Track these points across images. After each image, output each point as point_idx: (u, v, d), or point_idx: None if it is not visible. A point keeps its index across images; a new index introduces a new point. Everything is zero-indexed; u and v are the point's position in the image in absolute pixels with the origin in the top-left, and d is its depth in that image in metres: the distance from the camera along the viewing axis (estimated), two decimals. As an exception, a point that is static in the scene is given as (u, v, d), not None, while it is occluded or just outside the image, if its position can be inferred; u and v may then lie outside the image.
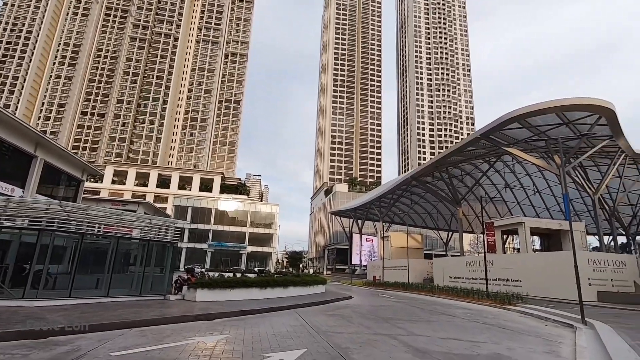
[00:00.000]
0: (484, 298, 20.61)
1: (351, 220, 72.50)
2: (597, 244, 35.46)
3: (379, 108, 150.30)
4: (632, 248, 44.88)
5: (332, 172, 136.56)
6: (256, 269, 49.80)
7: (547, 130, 27.90)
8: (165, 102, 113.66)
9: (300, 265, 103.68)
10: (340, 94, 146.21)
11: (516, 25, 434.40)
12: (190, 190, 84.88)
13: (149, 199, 73.49)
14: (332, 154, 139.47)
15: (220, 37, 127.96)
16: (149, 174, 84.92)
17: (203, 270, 35.25)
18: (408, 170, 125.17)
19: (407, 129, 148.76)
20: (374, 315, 13.00)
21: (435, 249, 76.46)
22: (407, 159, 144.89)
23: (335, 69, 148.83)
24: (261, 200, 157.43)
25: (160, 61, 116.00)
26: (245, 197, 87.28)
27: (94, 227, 14.96)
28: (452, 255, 53.76)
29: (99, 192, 76.69)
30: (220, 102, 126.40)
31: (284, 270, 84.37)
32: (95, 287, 13.04)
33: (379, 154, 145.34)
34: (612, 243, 40.36)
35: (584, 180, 32.20)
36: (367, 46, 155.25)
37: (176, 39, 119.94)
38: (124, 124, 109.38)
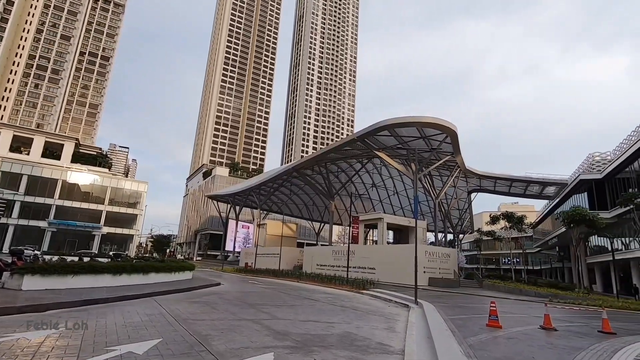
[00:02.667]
0: (344, 284, 22.94)
1: (229, 205, 70.61)
2: (434, 239, 43.42)
3: (269, 96, 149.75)
4: (456, 243, 56.59)
5: (214, 154, 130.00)
6: (111, 253, 43.71)
7: (409, 141, 32.71)
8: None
9: (167, 250, 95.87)
10: (231, 74, 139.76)
11: (397, 46, 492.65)
12: (28, 154, 68.49)
13: (-39, 159, 56.41)
14: (216, 135, 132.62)
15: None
16: (-37, 127, 65.00)
17: (37, 253, 29.37)
18: (291, 161, 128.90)
19: (294, 121, 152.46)
20: (240, 301, 12.99)
21: (308, 239, 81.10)
22: (291, 150, 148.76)
23: (228, 47, 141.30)
24: (127, 176, 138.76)
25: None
26: (106, 170, 75.30)
27: None
28: (321, 245, 57.98)
29: None
30: (82, 54, 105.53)
31: (146, 255, 76.59)
32: None
33: (264, 141, 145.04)
34: (444, 239, 50.11)
35: (430, 186, 38.92)
36: (263, 31, 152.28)
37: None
38: None
